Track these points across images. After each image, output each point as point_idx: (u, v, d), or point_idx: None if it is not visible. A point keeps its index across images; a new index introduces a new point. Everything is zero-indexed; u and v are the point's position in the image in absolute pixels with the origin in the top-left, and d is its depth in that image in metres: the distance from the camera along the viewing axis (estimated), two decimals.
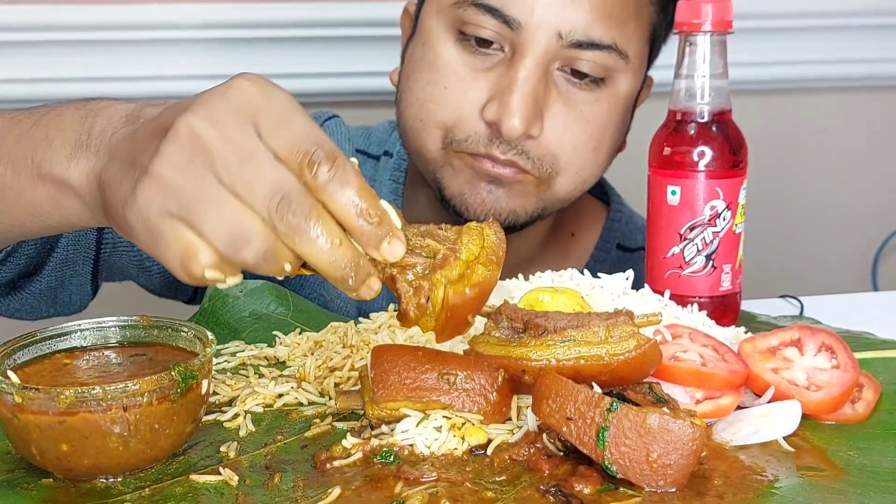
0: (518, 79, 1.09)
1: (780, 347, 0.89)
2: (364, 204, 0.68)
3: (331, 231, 0.67)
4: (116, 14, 1.79)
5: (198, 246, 0.66)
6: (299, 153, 0.67)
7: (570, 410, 0.73)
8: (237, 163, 0.67)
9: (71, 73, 1.80)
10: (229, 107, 0.68)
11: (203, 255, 0.66)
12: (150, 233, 0.68)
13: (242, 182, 0.66)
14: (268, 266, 0.67)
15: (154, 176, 0.67)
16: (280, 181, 0.66)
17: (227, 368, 0.95)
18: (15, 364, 0.79)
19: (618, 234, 1.36)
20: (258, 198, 0.66)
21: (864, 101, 2.16)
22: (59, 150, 0.77)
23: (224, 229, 0.66)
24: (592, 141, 1.15)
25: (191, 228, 0.67)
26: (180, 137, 0.67)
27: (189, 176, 0.67)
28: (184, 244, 0.67)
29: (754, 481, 0.74)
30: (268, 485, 0.74)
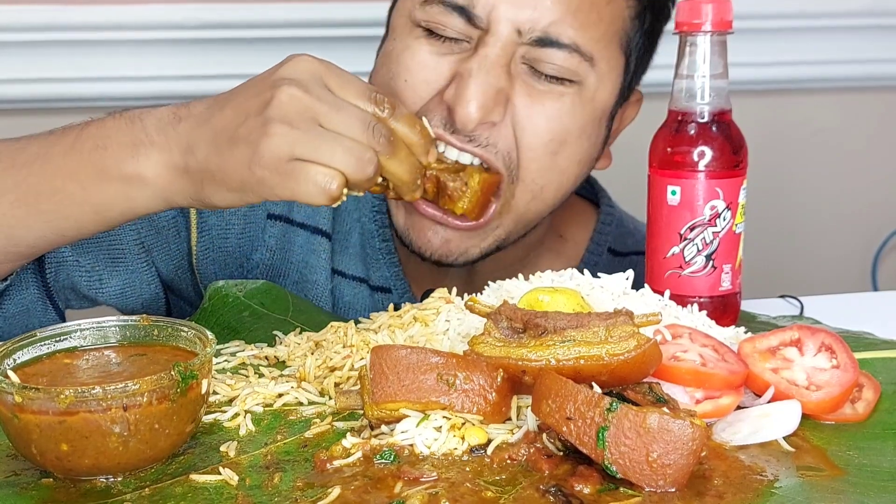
0: (477, 66, 1.07)
1: (780, 347, 0.89)
2: (416, 126, 0.95)
3: (404, 147, 0.94)
4: (116, 14, 1.79)
5: (332, 174, 0.87)
6: (365, 98, 0.91)
7: (570, 410, 0.73)
8: (333, 111, 0.89)
9: (70, 73, 1.80)
10: (307, 76, 0.90)
11: (337, 181, 0.87)
12: (286, 177, 0.87)
13: (343, 124, 0.89)
14: (374, 180, 0.91)
15: (275, 133, 0.87)
16: (365, 118, 0.90)
17: (226, 368, 0.95)
18: (15, 364, 0.79)
19: (609, 237, 1.34)
20: (357, 132, 0.89)
21: (864, 101, 2.16)
22: (120, 153, 0.93)
23: (349, 157, 0.88)
24: (553, 143, 1.11)
25: (321, 164, 0.87)
26: (283, 103, 0.88)
27: (302, 128, 0.87)
28: (321, 176, 0.87)
29: (754, 481, 0.74)
30: (267, 484, 0.74)
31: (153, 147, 0.92)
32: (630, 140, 1.25)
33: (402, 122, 0.93)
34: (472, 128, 1.07)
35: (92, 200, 0.94)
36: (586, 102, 1.12)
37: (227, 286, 1.08)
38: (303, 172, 0.87)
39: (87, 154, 0.94)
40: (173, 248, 1.21)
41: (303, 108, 0.88)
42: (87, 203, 0.95)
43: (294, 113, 0.88)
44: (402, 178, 0.94)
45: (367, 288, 1.25)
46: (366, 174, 0.88)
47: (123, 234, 1.14)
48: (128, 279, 1.18)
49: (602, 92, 1.13)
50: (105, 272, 1.17)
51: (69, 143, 0.95)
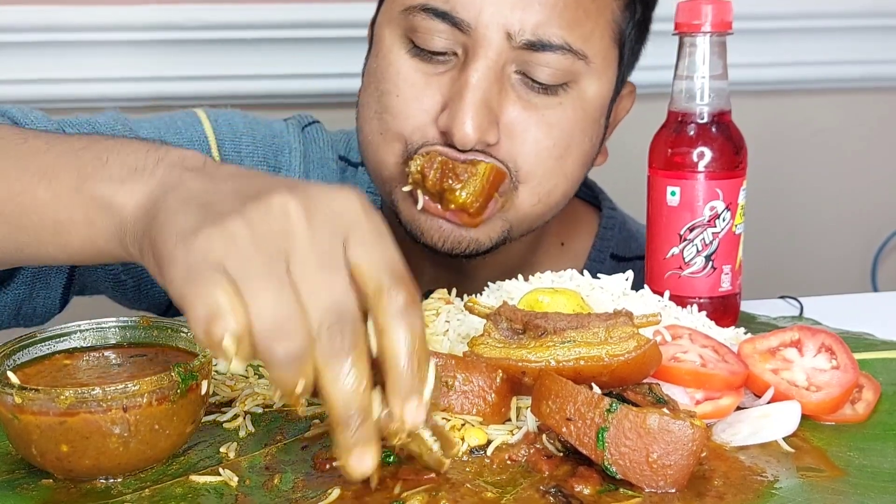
0: (469, 83, 1.04)
1: (780, 348, 0.89)
2: (418, 353, 0.65)
3: (363, 374, 0.64)
4: (115, 15, 1.79)
5: (234, 313, 0.62)
6: (388, 273, 0.65)
7: (570, 411, 0.73)
8: (314, 266, 0.64)
9: (69, 74, 1.80)
10: (330, 209, 0.66)
11: (234, 320, 0.62)
12: (192, 274, 0.64)
13: (310, 285, 0.64)
14: (286, 371, 0.63)
15: (228, 231, 0.65)
16: (344, 304, 0.64)
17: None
18: (15, 365, 0.79)
19: (611, 242, 1.31)
20: (316, 307, 0.63)
21: (863, 102, 2.16)
22: (114, 170, 0.75)
23: (271, 314, 0.63)
24: (557, 148, 1.09)
25: (236, 295, 0.63)
26: (271, 209, 0.66)
27: (263, 250, 0.64)
28: (221, 301, 0.62)
29: (754, 482, 0.74)
30: (267, 485, 0.74)
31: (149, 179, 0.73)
32: (630, 141, 1.25)
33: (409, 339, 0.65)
34: (471, 148, 1.04)
35: (54, 215, 0.77)
36: (586, 103, 1.11)
37: None
38: (207, 284, 0.63)
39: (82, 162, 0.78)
40: None
41: (284, 231, 0.65)
42: (49, 216, 0.78)
43: (270, 229, 0.65)
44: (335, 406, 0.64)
45: None
46: (272, 346, 0.62)
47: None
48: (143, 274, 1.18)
49: (599, 88, 1.11)
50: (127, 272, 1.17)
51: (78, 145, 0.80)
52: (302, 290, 0.63)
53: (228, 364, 0.63)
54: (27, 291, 1.09)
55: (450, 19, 1.05)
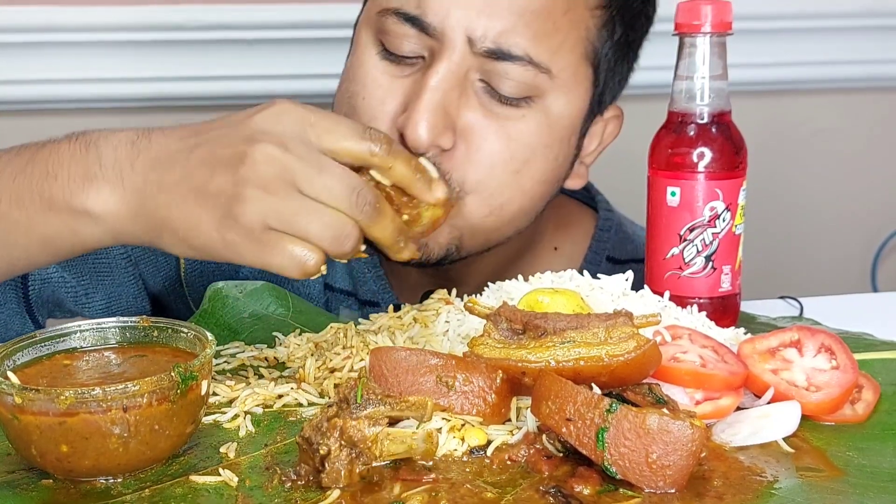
0: (427, 86, 1.03)
1: (780, 348, 0.89)
2: (415, 167, 0.86)
3: (389, 210, 0.85)
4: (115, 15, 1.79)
5: (308, 252, 0.81)
6: (357, 139, 0.83)
7: (570, 411, 0.73)
8: (314, 174, 0.81)
9: (69, 74, 1.80)
10: (287, 129, 0.82)
11: (313, 257, 0.81)
12: (259, 244, 0.81)
13: (323, 189, 0.81)
14: (354, 249, 0.83)
15: (248, 198, 0.80)
16: (350, 180, 0.82)
17: (226, 369, 0.95)
18: (15, 365, 0.79)
19: (608, 245, 1.29)
20: (340, 198, 0.81)
21: (863, 102, 2.16)
22: (70, 184, 0.85)
23: (327, 232, 0.81)
24: (514, 162, 1.06)
25: (296, 237, 0.80)
26: (259, 162, 0.80)
27: (279, 195, 0.80)
28: (294, 252, 0.81)
29: (754, 482, 0.74)
30: (267, 486, 0.74)
31: (105, 183, 0.85)
32: (630, 141, 1.25)
33: (399, 161, 0.85)
34: (424, 150, 1.02)
35: (38, 231, 0.87)
36: (551, 119, 1.07)
37: (227, 287, 1.08)
38: (278, 245, 0.81)
39: (36, 181, 0.87)
40: (161, 261, 1.20)
41: (280, 170, 0.81)
42: (34, 233, 0.88)
43: (271, 176, 0.80)
44: (385, 242, 0.85)
45: (357, 302, 1.24)
46: (344, 249, 0.82)
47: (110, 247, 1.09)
48: (114, 293, 1.17)
49: (567, 106, 1.08)
50: (91, 286, 1.15)
51: (21, 165, 0.88)
52: (322, 197, 0.81)
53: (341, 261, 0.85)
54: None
55: (418, 23, 1.04)
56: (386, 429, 0.74)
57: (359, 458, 0.73)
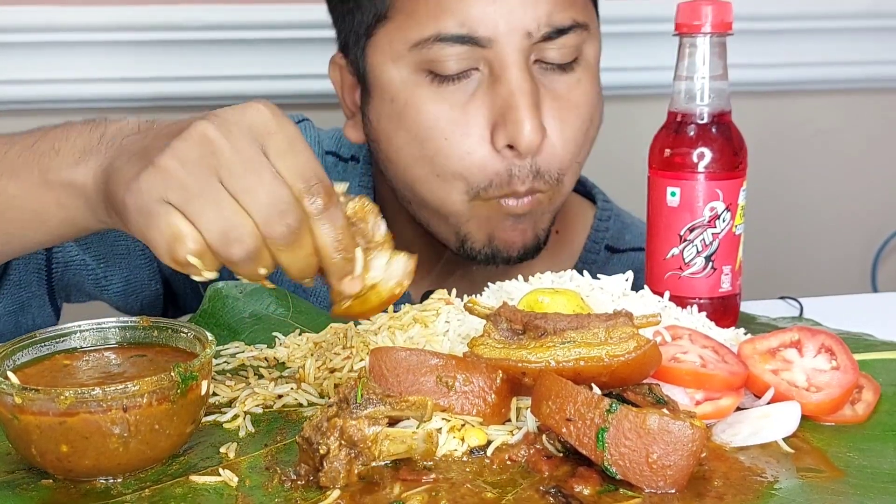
0: (514, 91, 1.07)
1: (780, 349, 0.89)
2: (344, 241, 0.77)
3: (307, 248, 0.76)
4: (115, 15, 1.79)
5: (187, 233, 0.73)
6: (302, 180, 0.75)
7: (570, 412, 0.73)
8: (242, 171, 0.74)
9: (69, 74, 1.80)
10: (244, 122, 0.75)
11: (191, 241, 0.73)
12: (144, 214, 0.74)
13: (245, 188, 0.73)
14: (248, 267, 0.75)
15: (160, 167, 0.74)
16: (279, 195, 0.74)
17: (226, 369, 0.95)
18: (15, 365, 0.79)
19: (606, 234, 1.33)
20: (257, 204, 0.73)
21: (863, 102, 2.16)
22: (67, 157, 0.84)
23: (219, 224, 0.73)
24: (584, 125, 1.14)
25: (185, 218, 0.73)
26: (192, 137, 0.74)
27: (194, 173, 0.73)
28: (175, 229, 0.73)
29: (754, 482, 0.74)
30: (267, 486, 0.74)
31: (97, 155, 0.83)
32: (630, 141, 1.25)
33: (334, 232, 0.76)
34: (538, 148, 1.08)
35: (32, 205, 0.86)
36: (592, 68, 1.15)
37: (228, 287, 1.08)
38: (159, 217, 0.73)
39: (38, 155, 0.86)
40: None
41: (208, 152, 0.74)
42: (28, 207, 0.87)
43: (196, 154, 0.74)
44: (292, 274, 0.77)
45: None
46: (229, 252, 0.73)
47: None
48: (130, 275, 1.18)
49: (595, 49, 1.16)
50: (110, 269, 1.17)
51: (31, 142, 0.88)
52: (239, 196, 0.73)
53: (200, 276, 0.75)
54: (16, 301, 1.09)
55: (468, 40, 1.07)
56: (385, 429, 0.74)
57: (358, 458, 0.73)
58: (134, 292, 1.19)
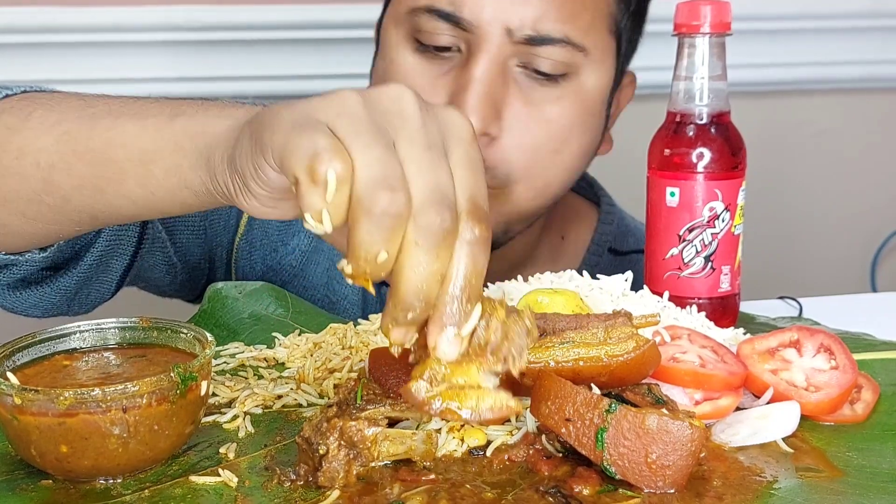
0: (472, 78, 1.07)
1: (779, 348, 0.89)
2: (472, 287, 0.63)
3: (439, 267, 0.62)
4: (115, 16, 1.79)
5: (340, 152, 0.60)
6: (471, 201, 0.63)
7: (569, 412, 0.73)
8: (423, 146, 0.63)
9: (69, 75, 1.80)
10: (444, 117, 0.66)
11: (340, 161, 0.60)
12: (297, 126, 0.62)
13: (418, 162, 0.62)
14: (378, 230, 0.60)
15: (343, 98, 0.63)
16: (446, 190, 0.62)
17: (226, 370, 0.95)
18: (14, 366, 0.79)
19: (609, 237, 1.34)
20: (422, 183, 0.61)
21: (862, 102, 2.16)
22: (211, 109, 0.76)
23: (380, 165, 0.60)
24: (553, 143, 1.12)
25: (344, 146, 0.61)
26: (390, 93, 0.64)
27: (374, 120, 0.63)
28: (327, 144, 0.60)
29: (753, 482, 0.74)
30: (267, 486, 0.74)
31: (244, 110, 0.74)
32: (629, 141, 1.25)
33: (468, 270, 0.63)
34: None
35: (145, 143, 0.77)
36: (585, 96, 1.13)
37: (227, 288, 1.08)
38: (315, 130, 0.62)
39: (176, 104, 0.79)
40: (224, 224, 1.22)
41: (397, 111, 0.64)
42: (137, 147, 0.77)
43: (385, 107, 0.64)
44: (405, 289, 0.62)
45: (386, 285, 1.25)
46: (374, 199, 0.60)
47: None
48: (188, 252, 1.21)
49: (598, 80, 1.14)
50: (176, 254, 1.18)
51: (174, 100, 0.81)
52: (409, 167, 0.62)
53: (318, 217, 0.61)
54: (89, 275, 1.06)
55: (453, 19, 1.08)
56: (385, 429, 0.74)
57: (357, 458, 0.73)
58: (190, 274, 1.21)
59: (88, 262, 1.04)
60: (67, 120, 0.82)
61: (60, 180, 0.82)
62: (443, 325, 0.63)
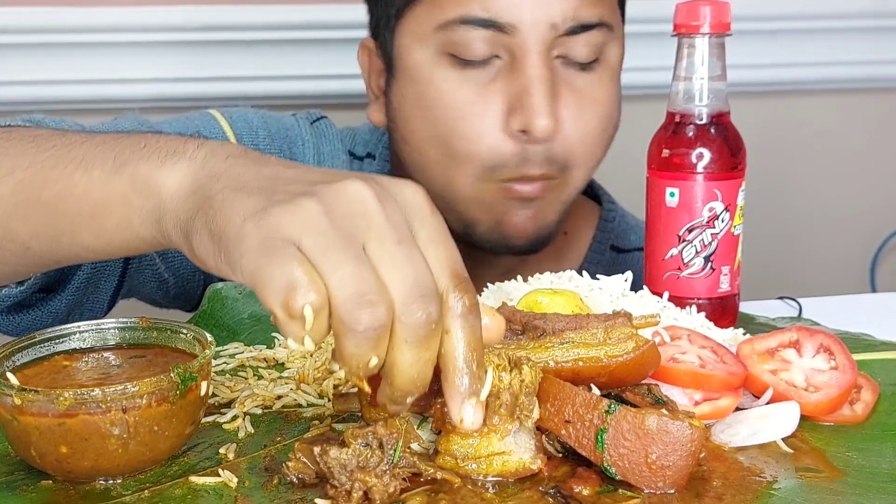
0: (532, 79, 1.09)
1: (779, 349, 0.89)
2: (477, 355, 0.65)
3: (431, 355, 0.64)
4: (115, 16, 1.79)
5: (314, 282, 0.61)
6: (452, 274, 0.65)
7: (569, 413, 0.73)
8: (394, 242, 0.63)
9: (69, 75, 1.80)
10: (401, 196, 0.66)
11: (314, 292, 0.61)
12: (266, 249, 0.62)
13: (392, 261, 0.63)
14: (364, 342, 0.62)
15: (302, 206, 0.63)
16: (426, 279, 0.63)
17: (226, 370, 0.95)
18: (14, 366, 0.79)
19: (611, 234, 1.35)
20: (400, 281, 0.62)
21: (862, 102, 2.16)
22: (153, 154, 0.74)
23: (355, 283, 0.61)
24: (602, 123, 1.16)
25: (315, 270, 0.62)
26: (347, 192, 0.64)
27: (339, 228, 0.63)
28: (300, 274, 0.61)
29: (753, 482, 0.74)
30: (267, 486, 0.74)
31: (186, 161, 0.72)
32: (629, 141, 1.25)
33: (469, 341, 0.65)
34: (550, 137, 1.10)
35: (95, 195, 0.76)
36: (613, 70, 1.17)
37: (227, 289, 1.08)
38: (285, 256, 0.62)
39: (122, 148, 0.77)
40: None
41: (360, 212, 0.64)
42: (89, 199, 0.77)
43: (346, 210, 0.64)
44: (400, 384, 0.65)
45: None
46: (356, 318, 0.61)
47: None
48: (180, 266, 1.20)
49: (618, 52, 1.17)
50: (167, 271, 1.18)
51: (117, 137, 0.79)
52: (383, 268, 0.62)
53: (299, 342, 0.62)
54: (79, 297, 1.07)
55: (492, 25, 1.09)
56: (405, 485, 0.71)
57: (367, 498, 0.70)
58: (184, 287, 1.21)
59: (76, 284, 1.05)
60: (20, 168, 0.81)
61: (18, 228, 0.82)
62: (461, 399, 0.66)
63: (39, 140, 0.82)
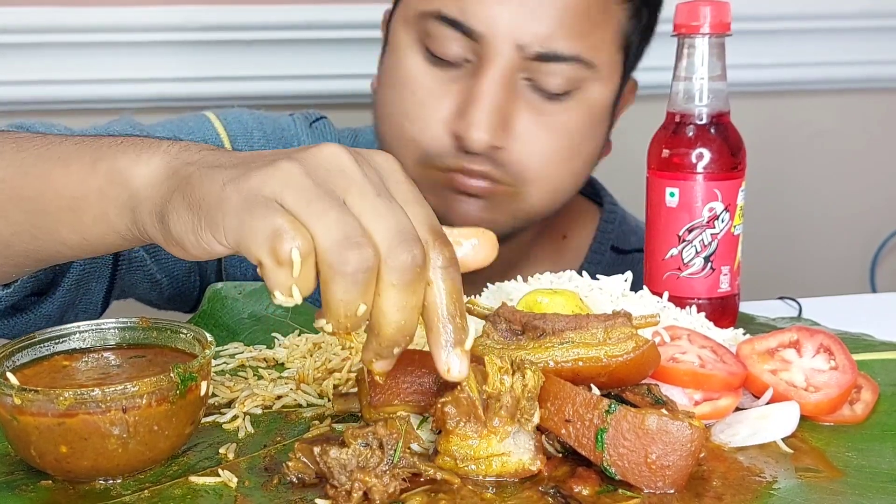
0: (480, 91, 1.09)
1: (779, 349, 0.89)
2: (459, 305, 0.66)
3: (417, 301, 0.65)
4: (115, 16, 1.79)
5: (298, 228, 0.62)
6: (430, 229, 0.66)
7: (569, 412, 0.73)
8: (373, 195, 0.64)
9: (70, 75, 1.80)
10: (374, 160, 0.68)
11: (300, 237, 0.62)
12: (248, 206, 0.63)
13: (374, 210, 0.64)
14: (352, 287, 0.63)
15: (281, 168, 0.64)
16: (407, 227, 0.64)
17: (225, 370, 0.95)
18: (14, 366, 0.79)
19: (612, 235, 1.35)
20: (383, 228, 0.63)
21: (862, 102, 2.16)
22: (129, 150, 0.75)
23: (339, 228, 0.62)
24: (564, 151, 1.15)
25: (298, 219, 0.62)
26: (324, 153, 0.66)
27: (321, 184, 0.64)
28: (284, 222, 0.62)
29: (753, 482, 0.74)
30: (267, 486, 0.74)
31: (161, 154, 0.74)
32: (629, 142, 1.25)
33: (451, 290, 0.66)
34: (483, 151, 1.10)
35: (72, 191, 0.77)
36: (592, 107, 1.15)
37: (227, 288, 1.08)
38: (268, 212, 0.62)
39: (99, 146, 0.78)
40: None
41: (337, 170, 0.65)
42: (66, 194, 0.78)
43: (324, 169, 0.65)
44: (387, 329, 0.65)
45: None
46: (343, 261, 0.62)
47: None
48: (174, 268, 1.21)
49: (604, 92, 1.15)
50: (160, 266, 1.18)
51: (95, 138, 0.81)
52: (365, 217, 0.63)
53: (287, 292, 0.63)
54: (70, 299, 1.07)
55: (462, 28, 1.09)
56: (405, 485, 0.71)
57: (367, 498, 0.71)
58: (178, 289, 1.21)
59: (66, 286, 1.05)
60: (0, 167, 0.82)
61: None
62: (446, 349, 0.67)
63: (21, 141, 0.84)
